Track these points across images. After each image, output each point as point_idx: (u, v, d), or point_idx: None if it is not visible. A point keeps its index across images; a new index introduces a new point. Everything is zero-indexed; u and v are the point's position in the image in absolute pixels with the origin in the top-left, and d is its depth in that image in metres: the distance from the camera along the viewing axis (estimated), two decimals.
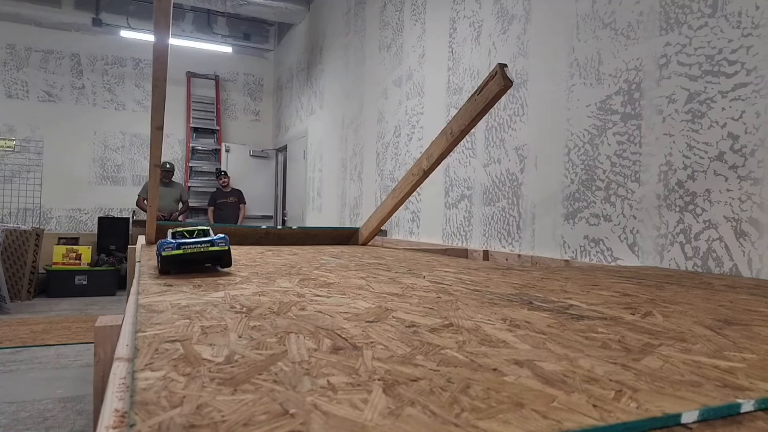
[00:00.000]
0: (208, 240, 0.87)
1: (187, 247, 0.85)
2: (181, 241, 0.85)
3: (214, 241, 0.87)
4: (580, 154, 1.83)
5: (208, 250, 0.86)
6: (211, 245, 0.86)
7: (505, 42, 2.25)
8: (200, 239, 0.87)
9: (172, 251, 0.84)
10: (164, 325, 0.50)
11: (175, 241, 0.85)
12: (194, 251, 0.85)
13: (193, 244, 0.85)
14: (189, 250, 0.84)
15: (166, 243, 0.85)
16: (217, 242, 0.87)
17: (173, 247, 0.84)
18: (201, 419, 0.28)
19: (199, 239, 0.87)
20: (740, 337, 0.53)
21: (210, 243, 0.86)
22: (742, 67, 1.32)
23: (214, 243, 0.86)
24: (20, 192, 5.74)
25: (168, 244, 0.84)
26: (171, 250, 0.84)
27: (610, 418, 0.30)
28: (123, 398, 0.36)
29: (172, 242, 0.84)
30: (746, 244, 1.29)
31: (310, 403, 0.31)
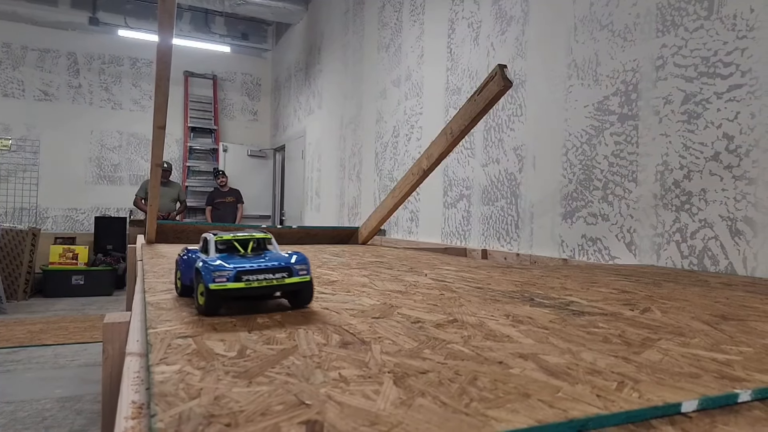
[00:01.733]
0: (283, 266, 0.54)
1: (252, 279, 0.52)
2: (241, 266, 0.52)
3: (293, 269, 0.54)
4: (578, 154, 1.85)
5: (284, 283, 0.53)
6: (289, 275, 0.54)
7: (504, 43, 2.26)
8: (267, 261, 0.54)
9: (228, 283, 0.51)
10: (174, 321, 0.51)
11: (232, 265, 0.52)
12: (265, 285, 0.52)
13: (261, 272, 0.52)
14: (256, 283, 0.52)
15: (214, 266, 0.52)
16: (296, 270, 0.54)
17: (230, 277, 0.51)
18: (220, 409, 0.29)
19: (266, 261, 0.54)
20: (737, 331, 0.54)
21: (286, 271, 0.54)
22: (737, 68, 1.34)
23: (293, 271, 0.54)
24: (16, 191, 5.71)
25: (218, 269, 0.51)
26: (225, 281, 0.51)
27: (613, 407, 0.31)
28: (138, 391, 0.36)
29: (225, 267, 0.52)
30: (741, 242, 1.31)
31: (324, 394, 0.32)
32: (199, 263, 0.54)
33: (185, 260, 0.63)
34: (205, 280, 0.52)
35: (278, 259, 0.55)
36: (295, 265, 0.55)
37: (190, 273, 0.60)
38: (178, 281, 0.64)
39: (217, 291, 0.51)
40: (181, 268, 0.63)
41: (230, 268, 0.52)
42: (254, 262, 0.54)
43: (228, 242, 0.58)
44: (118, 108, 6.28)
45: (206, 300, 0.52)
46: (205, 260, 0.54)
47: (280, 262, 0.55)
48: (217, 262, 0.53)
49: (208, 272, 0.52)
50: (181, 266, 0.63)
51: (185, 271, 0.62)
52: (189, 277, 0.60)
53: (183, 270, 0.62)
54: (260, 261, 0.54)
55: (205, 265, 0.53)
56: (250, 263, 0.53)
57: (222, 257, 0.55)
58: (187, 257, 0.62)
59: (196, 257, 0.59)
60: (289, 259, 0.56)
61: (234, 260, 0.54)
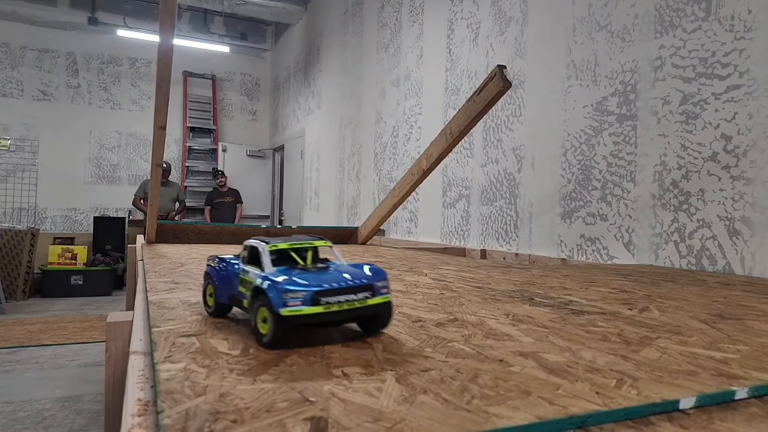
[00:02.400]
0: (366, 284, 0.44)
1: (332, 302, 0.42)
2: (317, 285, 0.42)
3: (375, 287, 0.44)
4: (577, 155, 1.86)
5: (366, 304, 0.43)
6: (372, 294, 0.44)
7: (503, 43, 2.27)
8: (344, 277, 0.44)
9: (304, 308, 0.41)
10: (177, 320, 0.52)
11: (307, 285, 0.41)
12: (346, 308, 0.42)
13: (342, 292, 0.42)
14: (336, 306, 0.42)
15: (284, 284, 0.41)
16: (378, 288, 0.44)
17: (305, 299, 0.41)
18: (225, 406, 0.30)
19: (343, 277, 0.44)
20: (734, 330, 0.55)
21: (369, 290, 0.44)
22: (735, 69, 1.34)
23: (375, 290, 0.44)
24: (15, 192, 5.70)
25: (290, 289, 0.41)
26: (300, 305, 0.40)
27: (612, 404, 0.31)
28: (144, 389, 0.37)
29: (298, 285, 0.41)
30: (739, 242, 1.31)
31: (328, 392, 0.32)
32: (258, 280, 0.43)
33: (221, 273, 0.51)
34: (274, 303, 0.40)
35: (355, 275, 0.44)
36: (377, 281, 0.44)
37: (228, 289, 0.50)
38: (210, 298, 0.53)
39: (289, 318, 0.40)
40: (216, 283, 0.51)
41: (305, 287, 0.41)
42: (327, 279, 0.42)
43: (283, 252, 0.47)
44: (117, 108, 6.27)
45: (274, 329, 0.40)
46: (267, 277, 0.42)
47: (360, 278, 0.44)
48: (284, 278, 0.41)
49: (277, 293, 0.40)
50: (215, 280, 0.51)
51: (222, 286, 0.50)
52: (227, 294, 0.50)
53: (218, 285, 0.51)
54: (334, 277, 0.43)
55: (271, 284, 0.41)
56: (324, 280, 0.42)
57: (283, 272, 0.43)
58: (224, 269, 0.51)
59: (238, 269, 0.48)
60: (368, 274, 0.45)
61: (301, 276, 0.42)
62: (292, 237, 0.50)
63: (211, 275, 0.52)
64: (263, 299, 0.42)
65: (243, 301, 0.47)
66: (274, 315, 0.40)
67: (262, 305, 0.42)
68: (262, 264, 0.45)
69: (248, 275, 0.46)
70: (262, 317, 0.42)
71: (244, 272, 0.47)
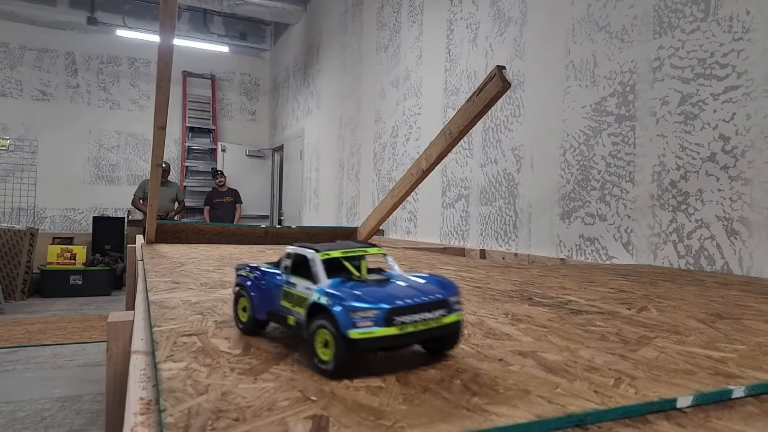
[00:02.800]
0: (440, 299, 0.38)
1: (407, 321, 0.36)
2: (387, 303, 0.35)
3: (449, 302, 0.38)
4: (576, 155, 1.86)
5: (442, 324, 0.38)
6: (447, 312, 0.38)
7: (502, 44, 2.27)
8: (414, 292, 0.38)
9: (377, 329, 0.35)
10: (178, 320, 0.52)
11: (378, 302, 0.35)
12: (422, 329, 0.36)
13: (416, 309, 0.36)
14: (411, 327, 0.36)
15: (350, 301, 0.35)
16: (452, 303, 0.39)
17: (377, 319, 0.35)
18: (227, 405, 0.30)
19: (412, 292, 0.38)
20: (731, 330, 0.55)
21: (444, 307, 0.38)
22: (734, 70, 1.35)
23: (450, 306, 0.38)
24: (14, 191, 5.69)
25: (359, 306, 0.35)
26: (371, 326, 0.34)
27: (610, 402, 0.32)
28: (146, 388, 0.37)
29: (368, 303, 0.35)
30: (737, 242, 1.32)
31: (329, 391, 0.33)
32: (316, 295, 0.37)
33: (258, 285, 0.45)
34: (341, 323, 0.34)
35: (426, 289, 0.38)
36: (450, 296, 0.38)
37: (268, 303, 0.43)
38: (243, 312, 0.46)
39: (359, 341, 0.33)
40: (253, 295, 0.45)
41: (376, 304, 0.34)
42: (397, 294, 0.36)
43: (334, 261, 0.41)
44: (116, 108, 6.27)
45: (340, 355, 0.34)
46: (329, 291, 0.36)
47: (432, 293, 0.38)
48: (350, 293, 0.35)
49: (345, 312, 0.34)
50: (252, 292, 0.45)
51: (259, 300, 0.44)
52: (266, 309, 0.44)
53: (256, 298, 0.44)
54: (404, 291, 0.37)
55: (336, 300, 0.35)
56: (393, 296, 0.36)
57: (343, 285, 0.37)
58: (262, 280, 0.45)
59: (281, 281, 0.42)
60: (440, 288, 0.39)
61: (365, 290, 0.36)
62: (338, 243, 0.43)
63: (245, 287, 0.46)
64: (325, 319, 0.35)
65: (288, 318, 0.41)
66: (341, 338, 0.34)
67: (322, 326, 0.35)
68: (315, 275, 0.39)
69: (295, 288, 0.40)
70: (323, 340, 0.36)
71: (289, 284, 0.41)
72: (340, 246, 0.42)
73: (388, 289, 0.38)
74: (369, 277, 0.41)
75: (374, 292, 0.37)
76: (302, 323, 0.39)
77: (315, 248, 0.41)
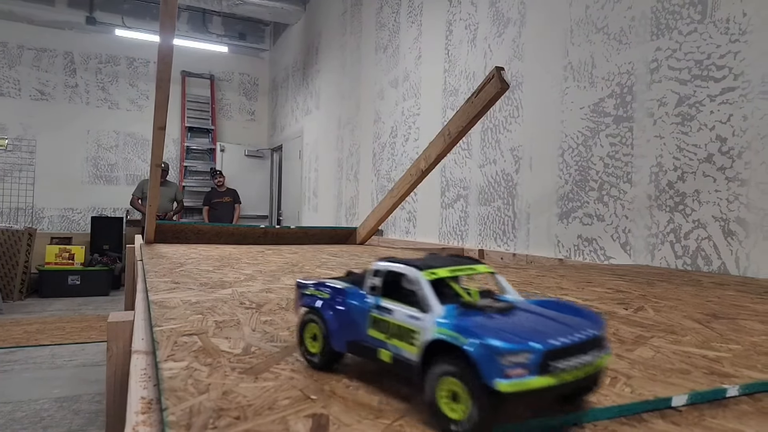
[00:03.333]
0: (594, 336, 0.29)
1: (564, 368, 0.27)
2: (538, 342, 0.26)
3: (603, 339, 0.30)
4: (574, 156, 1.87)
5: (597, 368, 0.29)
6: (602, 350, 0.30)
7: (501, 45, 2.28)
8: (561, 327, 0.29)
9: (531, 378, 0.25)
10: (179, 320, 0.52)
11: (527, 340, 0.26)
12: (581, 376, 0.28)
13: (574, 352, 0.28)
14: (567, 374, 0.27)
15: (482, 335, 0.26)
16: (605, 340, 0.31)
17: (531, 364, 0.25)
18: (228, 403, 0.31)
19: (560, 327, 0.29)
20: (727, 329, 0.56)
21: (600, 347, 0.30)
22: (730, 71, 1.36)
23: (604, 344, 0.30)
24: (12, 191, 5.68)
25: (508, 348, 0.25)
26: (525, 374, 0.25)
27: (606, 401, 0.32)
28: (147, 387, 0.37)
29: (512, 344, 0.26)
30: (734, 243, 1.33)
31: (329, 390, 0.33)
32: (433, 329, 0.28)
33: (335, 306, 0.37)
34: (485, 371, 0.25)
35: (572, 324, 0.29)
36: (602, 331, 0.30)
37: (349, 331, 0.35)
38: (313, 342, 0.38)
39: (509, 396, 0.25)
40: (329, 321, 0.36)
41: (526, 345, 0.26)
42: (543, 329, 0.28)
43: (442, 282, 0.33)
44: (114, 108, 6.26)
45: (481, 414, 0.26)
46: (455, 324, 0.28)
47: (584, 328, 0.29)
48: (487, 329, 0.27)
49: (488, 355, 0.25)
50: (327, 316, 0.37)
51: (339, 326, 0.36)
52: (346, 339, 0.35)
53: (333, 324, 0.36)
54: (549, 325, 0.29)
55: (470, 337, 0.26)
56: (540, 332, 0.28)
57: (466, 315, 0.29)
58: (342, 302, 0.36)
59: (369, 305, 0.34)
60: (587, 320, 0.31)
61: (500, 323, 0.29)
62: (435, 257, 0.36)
63: (317, 309, 0.37)
64: (454, 364, 0.27)
65: (379, 352, 0.32)
66: (482, 390, 0.25)
67: (449, 373, 0.27)
68: (422, 300, 0.31)
69: (392, 316, 0.32)
70: (449, 391, 0.27)
71: (380, 310, 0.33)
72: (442, 261, 0.34)
73: (526, 322, 0.29)
74: (484, 302, 0.32)
75: (513, 326, 0.28)
76: (409, 363, 0.29)
77: (415, 264, 0.33)
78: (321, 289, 0.39)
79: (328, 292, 0.38)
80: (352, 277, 0.40)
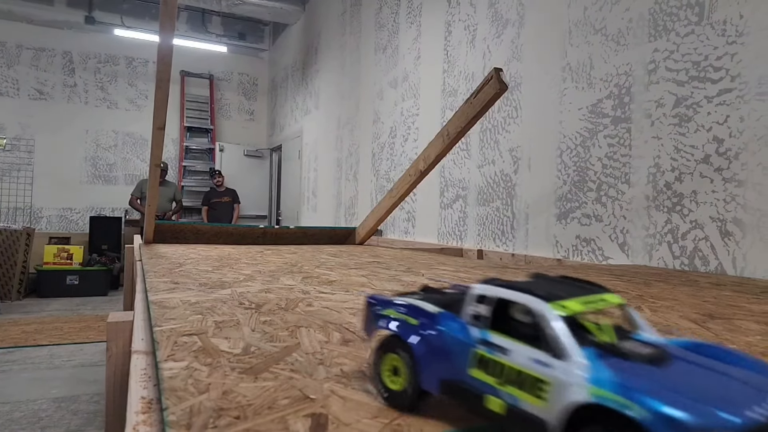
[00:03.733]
0: None
1: None
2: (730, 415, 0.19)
3: None
4: (572, 156, 1.87)
5: None
6: None
7: (500, 46, 2.29)
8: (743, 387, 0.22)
9: None
10: (179, 320, 0.52)
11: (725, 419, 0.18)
12: None
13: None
14: None
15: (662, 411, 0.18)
16: None
17: None
18: (228, 403, 0.31)
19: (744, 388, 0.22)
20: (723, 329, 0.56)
21: None
22: (727, 73, 1.36)
23: None
24: (10, 191, 5.67)
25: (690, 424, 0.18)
26: None
27: None
28: (147, 387, 0.38)
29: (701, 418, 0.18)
30: (731, 243, 1.33)
31: (328, 389, 0.33)
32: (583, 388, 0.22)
33: (427, 338, 0.30)
34: None
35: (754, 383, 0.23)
36: None
37: (444, 369, 0.29)
38: (395, 378, 0.31)
39: None
40: (417, 353, 0.30)
41: (719, 418, 0.19)
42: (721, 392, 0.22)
43: (574, 321, 0.27)
44: (113, 107, 6.26)
45: None
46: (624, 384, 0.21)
47: None
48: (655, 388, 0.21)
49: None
50: (417, 347, 0.30)
51: (429, 361, 0.29)
52: (440, 377, 0.29)
53: (423, 357, 0.29)
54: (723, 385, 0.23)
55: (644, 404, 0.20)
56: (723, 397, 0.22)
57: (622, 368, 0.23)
58: (435, 332, 0.30)
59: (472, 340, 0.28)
60: None
61: (663, 379, 0.22)
62: (551, 279, 0.30)
63: (404, 336, 0.31)
64: None
65: (486, 399, 0.26)
66: None
67: None
68: (554, 342, 0.24)
69: (507, 356, 0.26)
70: None
71: (490, 347, 0.27)
72: (567, 289, 0.27)
73: (697, 380, 0.23)
74: (626, 345, 0.25)
75: (686, 386, 0.22)
76: (533, 419, 0.23)
77: (537, 293, 0.26)
78: (404, 311, 0.31)
79: (416, 316, 0.31)
80: (434, 295, 0.33)
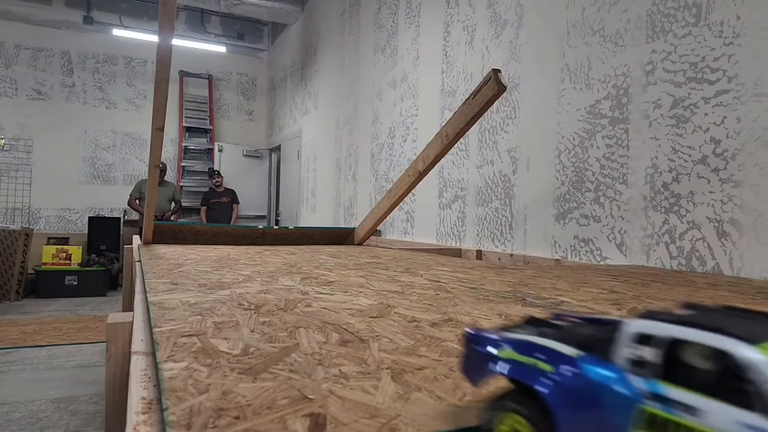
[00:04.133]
0: None
1: None
2: None
3: None
4: (571, 157, 1.88)
5: None
6: None
7: (498, 46, 2.29)
8: None
9: None
10: (178, 321, 0.53)
11: None
12: None
13: None
14: None
15: None
16: None
17: None
18: (228, 403, 0.31)
19: None
20: None
21: None
22: (724, 74, 1.37)
23: None
24: (9, 191, 5.66)
25: None
26: None
27: None
28: (147, 388, 0.38)
29: None
30: (728, 243, 1.34)
31: (326, 389, 0.34)
32: None
33: (570, 387, 0.23)
34: None
35: None
36: None
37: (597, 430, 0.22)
38: None
39: None
40: (560, 414, 0.23)
41: None
42: None
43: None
44: (112, 107, 6.25)
45: None
46: None
47: None
48: None
49: None
50: (556, 405, 0.23)
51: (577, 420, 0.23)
52: None
53: (566, 416, 0.23)
54: None
55: None
56: None
57: None
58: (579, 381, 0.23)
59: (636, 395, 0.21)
60: None
61: None
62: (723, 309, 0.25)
63: (536, 389, 0.24)
64: None
65: None
66: None
67: None
68: None
69: (702, 420, 0.19)
70: None
71: (666, 404, 0.21)
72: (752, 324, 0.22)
73: None
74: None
75: None
76: None
77: (733, 332, 0.20)
78: (532, 354, 0.23)
79: (547, 360, 0.23)
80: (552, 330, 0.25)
